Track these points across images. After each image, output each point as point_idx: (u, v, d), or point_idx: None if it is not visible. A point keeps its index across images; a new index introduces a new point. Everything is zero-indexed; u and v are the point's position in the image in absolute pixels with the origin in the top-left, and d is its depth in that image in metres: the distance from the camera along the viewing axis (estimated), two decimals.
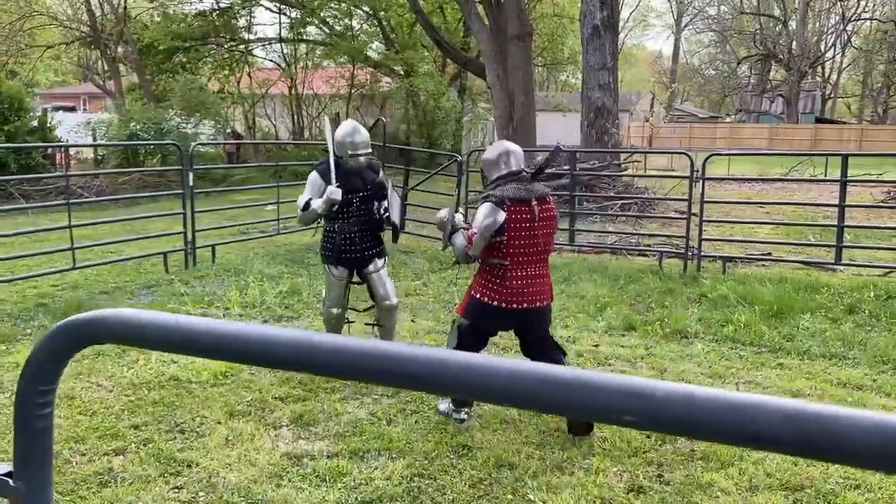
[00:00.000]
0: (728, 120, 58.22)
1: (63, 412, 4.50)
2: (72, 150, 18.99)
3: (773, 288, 7.60)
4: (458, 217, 4.50)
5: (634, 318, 6.72)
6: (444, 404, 4.57)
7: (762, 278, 8.41)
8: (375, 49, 29.16)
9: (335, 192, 5.03)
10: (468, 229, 4.32)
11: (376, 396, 4.78)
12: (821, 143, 45.58)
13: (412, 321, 6.63)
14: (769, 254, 9.93)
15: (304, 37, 27.87)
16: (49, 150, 16.55)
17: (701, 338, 6.22)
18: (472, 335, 4.39)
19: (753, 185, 20.90)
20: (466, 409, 4.48)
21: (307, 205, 5.15)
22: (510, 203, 4.14)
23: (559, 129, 31.18)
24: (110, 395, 4.78)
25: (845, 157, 8.23)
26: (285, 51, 27.49)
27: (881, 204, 14.22)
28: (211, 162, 19.37)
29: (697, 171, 8.87)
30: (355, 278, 5.48)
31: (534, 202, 4.19)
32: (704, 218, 9.00)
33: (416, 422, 4.39)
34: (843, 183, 8.22)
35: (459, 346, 4.34)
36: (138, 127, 17.78)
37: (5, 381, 5.01)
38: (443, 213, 4.50)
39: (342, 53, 26.88)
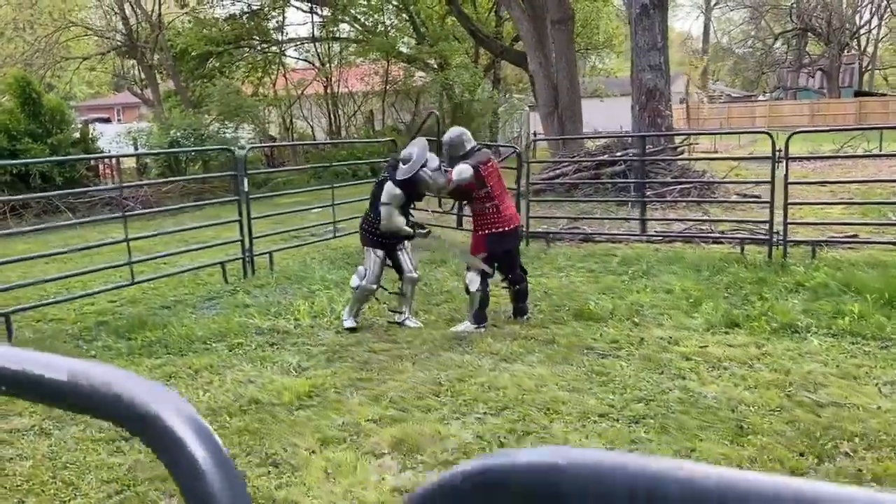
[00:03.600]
0: (762, 98, 56.74)
1: (142, 445, 4.12)
2: (114, 161, 18.88)
3: (877, 273, 7.01)
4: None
5: (734, 312, 6.19)
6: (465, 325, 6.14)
7: (857, 263, 7.82)
8: (407, 44, 28.74)
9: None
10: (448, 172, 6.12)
11: (479, 415, 4.34)
12: (866, 116, 44.08)
13: (494, 326, 6.17)
14: (855, 236, 9.30)
15: (337, 35, 27.53)
16: (93, 162, 16.42)
17: (814, 332, 5.68)
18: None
19: (804, 164, 20.06)
20: (484, 323, 6.13)
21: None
22: (482, 166, 6.09)
23: (598, 115, 30.46)
24: None
25: None
26: (319, 50, 27.17)
27: None
28: (251, 166, 19.11)
29: (780, 150, 8.29)
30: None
31: (492, 159, 6.30)
32: (789, 200, 8.40)
33: (530, 444, 3.93)
34: None
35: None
36: (178, 134, 17.56)
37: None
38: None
39: (375, 50, 26.50)
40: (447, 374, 4.99)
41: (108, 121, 35.69)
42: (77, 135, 17.01)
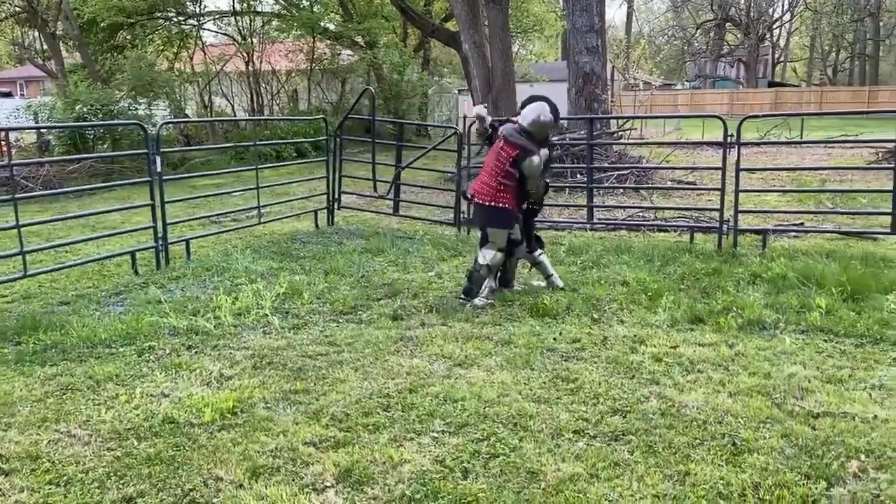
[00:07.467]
0: (679, 87, 57.93)
1: (26, 481, 3.37)
2: (12, 138, 17.29)
3: (837, 265, 6.75)
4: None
5: (697, 307, 5.80)
6: (482, 300, 6.10)
7: (808, 252, 7.60)
8: (333, 20, 27.62)
9: None
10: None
11: (436, 434, 3.74)
12: (782, 106, 45.49)
13: (444, 325, 5.58)
14: (802, 224, 9.14)
15: (259, 9, 26.20)
16: None
17: (783, 329, 5.32)
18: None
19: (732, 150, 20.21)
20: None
21: None
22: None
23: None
24: (88, 451, 3.65)
25: None
26: (239, 24, 25.80)
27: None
28: (167, 145, 17.83)
29: (732, 135, 7.97)
30: None
31: (501, 136, 6.31)
32: (740, 187, 8.10)
33: (500, 471, 3.36)
34: None
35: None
36: (85, 109, 16.14)
37: None
38: (479, 109, 6.77)
39: (299, 25, 25.32)
40: (396, 384, 4.37)
41: (9, 95, 33.24)
42: None
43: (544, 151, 6.26)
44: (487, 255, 6.15)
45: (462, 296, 6.18)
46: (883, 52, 56.71)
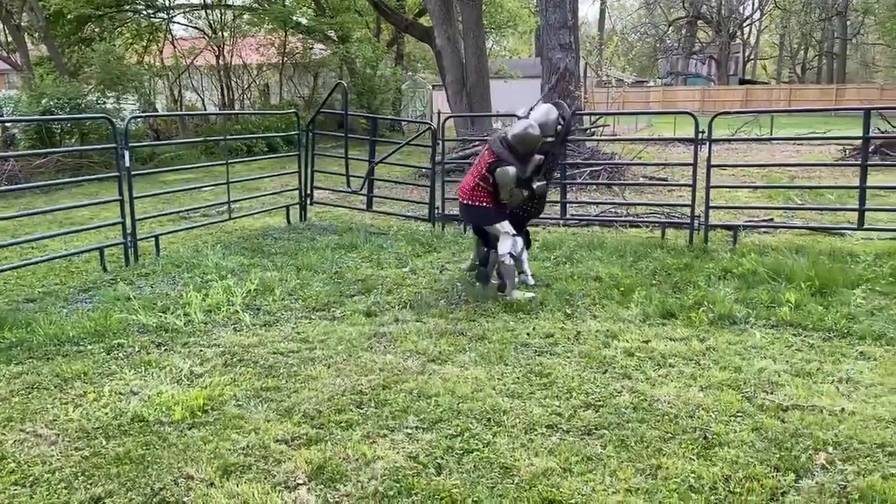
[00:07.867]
0: (651, 84, 58.39)
1: None
2: None
3: (806, 260, 6.84)
4: None
5: (669, 302, 5.84)
6: (517, 293, 6.08)
7: (778, 248, 7.69)
8: (306, 14, 27.41)
9: None
10: None
11: (409, 430, 3.73)
12: (751, 103, 46.17)
13: (418, 321, 5.56)
14: (772, 220, 9.26)
15: (229, 2, 25.90)
16: None
17: (753, 323, 5.39)
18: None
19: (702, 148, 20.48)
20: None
21: None
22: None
23: (503, 96, 30.15)
24: (55, 451, 3.58)
25: (868, 112, 7.50)
26: (210, 17, 25.49)
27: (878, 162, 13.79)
28: (135, 140, 17.56)
29: (703, 132, 8.04)
30: None
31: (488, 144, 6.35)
32: (710, 184, 8.18)
33: (473, 466, 3.36)
34: (866, 140, 7.51)
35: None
36: (52, 103, 15.83)
37: None
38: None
39: (270, 19, 25.10)
40: (369, 380, 4.35)
41: None
42: None
43: (538, 157, 6.21)
44: (506, 245, 6.07)
45: (479, 279, 6.49)
46: (850, 50, 57.69)
